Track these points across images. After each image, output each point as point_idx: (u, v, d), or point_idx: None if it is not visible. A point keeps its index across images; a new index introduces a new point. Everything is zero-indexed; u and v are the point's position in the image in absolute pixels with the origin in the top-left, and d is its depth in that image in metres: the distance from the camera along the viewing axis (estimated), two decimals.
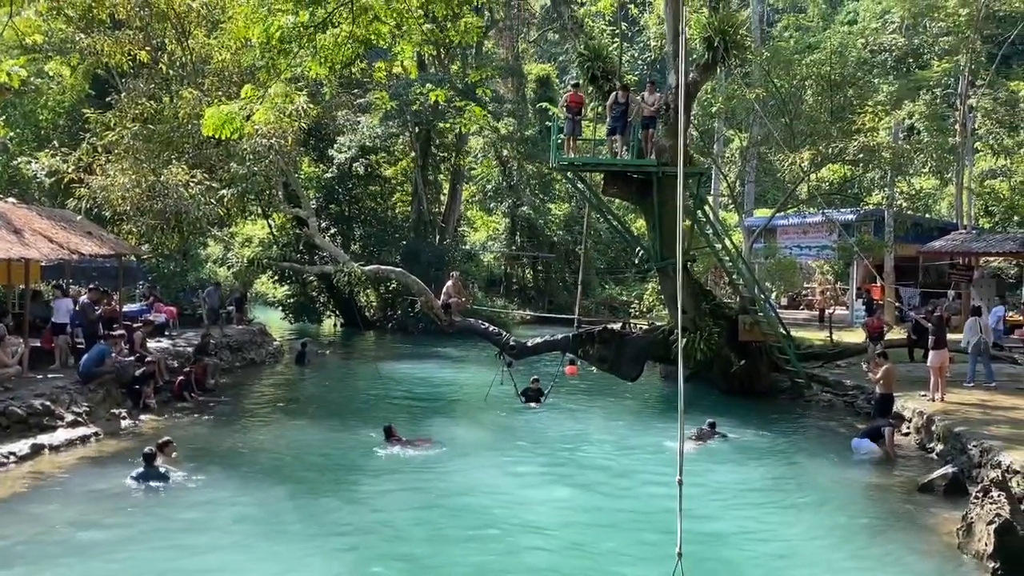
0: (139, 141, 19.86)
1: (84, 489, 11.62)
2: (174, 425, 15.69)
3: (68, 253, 17.79)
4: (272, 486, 12.08)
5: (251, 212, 30.77)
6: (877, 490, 12.80)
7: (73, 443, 13.72)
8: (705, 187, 25.50)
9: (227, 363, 22.16)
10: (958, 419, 14.48)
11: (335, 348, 29.86)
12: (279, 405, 18.95)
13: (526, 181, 41.78)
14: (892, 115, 28.23)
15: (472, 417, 18.29)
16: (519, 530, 10.72)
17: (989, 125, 30.82)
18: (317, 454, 14.01)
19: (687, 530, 10.40)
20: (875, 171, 29.22)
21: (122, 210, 19.82)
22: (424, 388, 21.60)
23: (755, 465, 14.16)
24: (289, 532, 10.23)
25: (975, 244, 26.03)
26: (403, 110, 32.29)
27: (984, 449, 12.60)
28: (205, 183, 20.27)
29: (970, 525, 9.79)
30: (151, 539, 9.82)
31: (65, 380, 15.61)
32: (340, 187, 34.81)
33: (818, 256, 33.69)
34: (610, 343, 20.08)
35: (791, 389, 20.05)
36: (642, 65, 48.58)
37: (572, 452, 14.85)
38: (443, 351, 27.97)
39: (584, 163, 19.60)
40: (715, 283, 28.12)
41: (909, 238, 29.64)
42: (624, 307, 38.08)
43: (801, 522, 11.35)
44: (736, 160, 33.49)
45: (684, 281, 19.65)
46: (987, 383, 17.09)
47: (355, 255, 29.91)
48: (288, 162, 23.11)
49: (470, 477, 12.93)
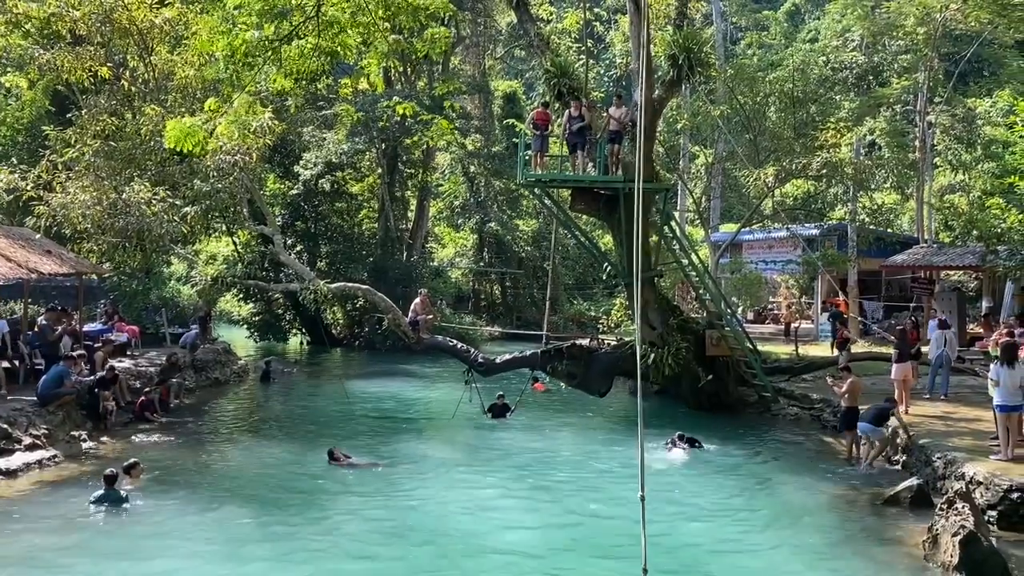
0: (100, 158, 19.56)
1: (43, 513, 11.32)
2: (136, 446, 15.38)
3: (27, 272, 17.43)
4: (237, 507, 11.87)
5: (215, 229, 30.43)
6: (843, 503, 12.88)
7: (31, 466, 13.38)
8: (671, 203, 25.70)
9: (191, 383, 21.79)
10: (922, 431, 14.65)
11: (301, 366, 29.54)
12: (243, 425, 18.68)
13: (494, 197, 41.84)
14: (854, 131, 28.69)
15: (439, 435, 18.17)
16: (484, 547, 10.64)
17: (947, 141, 31.46)
18: (282, 474, 13.78)
19: (654, 544, 10.43)
20: (838, 186, 29.69)
21: (83, 228, 19.47)
22: (391, 406, 21.42)
23: (722, 479, 14.18)
24: (252, 553, 10.05)
25: (936, 258, 26.46)
26: (369, 126, 32.21)
27: (948, 461, 12.76)
28: (168, 200, 19.98)
29: (936, 536, 9.87)
30: (112, 563, 9.57)
31: (23, 402, 15.22)
32: (306, 204, 34.54)
33: (783, 271, 34.05)
34: (579, 359, 20.06)
35: (758, 403, 20.16)
36: (608, 82, 48.96)
37: (538, 468, 14.77)
38: (410, 369, 27.78)
39: (551, 179, 19.63)
40: (682, 298, 28.29)
41: (872, 252, 30.07)
42: (592, 323, 38.15)
43: (768, 535, 11.37)
44: (702, 176, 33.81)
45: (652, 296, 19.74)
46: (940, 394, 17.34)
47: (321, 272, 29.67)
48: (253, 179, 22.91)
49: (436, 495, 12.80)
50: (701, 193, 33.56)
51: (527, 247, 41.57)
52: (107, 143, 20.08)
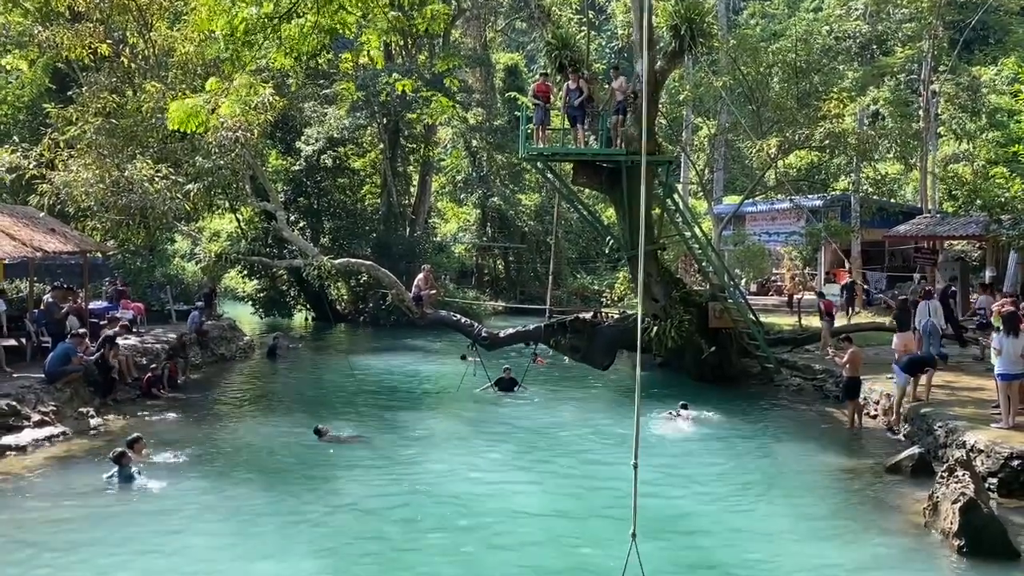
0: (102, 136, 19.55)
1: (53, 489, 11.47)
2: (144, 422, 15.52)
3: (31, 251, 17.50)
4: (245, 482, 12.01)
5: (218, 206, 30.44)
6: (845, 472, 12.99)
7: (40, 443, 13.51)
8: (674, 175, 25.63)
9: (198, 359, 21.94)
10: (923, 401, 14.72)
11: (306, 342, 29.68)
12: (251, 400, 18.83)
13: (496, 171, 41.73)
14: (857, 101, 28.53)
15: (444, 408, 18.28)
16: (490, 516, 10.80)
17: (952, 110, 31.26)
18: (289, 449, 13.91)
19: (658, 513, 10.65)
20: (841, 157, 29.54)
21: (86, 206, 19.51)
22: (396, 381, 21.54)
23: (725, 449, 14.31)
24: (262, 526, 10.17)
25: (939, 228, 26.43)
26: (371, 101, 32.07)
27: (949, 429, 12.85)
28: (171, 178, 19.99)
29: (936, 504, 9.98)
30: (123, 537, 9.72)
31: (31, 380, 15.36)
32: (308, 180, 34.50)
33: (786, 242, 34.03)
34: (582, 332, 20.15)
35: (761, 374, 20.26)
36: (610, 53, 48.65)
37: (541, 438, 14.91)
38: (415, 344, 27.89)
39: (553, 153, 19.60)
40: (685, 271, 28.33)
41: (875, 223, 30.04)
42: (595, 296, 38.22)
43: (770, 504, 11.49)
44: (704, 147, 33.68)
45: (655, 269, 19.78)
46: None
47: (325, 248, 29.70)
48: (255, 155, 22.87)
49: (443, 467, 12.94)
50: (704, 165, 33.45)
51: (530, 221, 41.52)
52: (108, 120, 20.07)
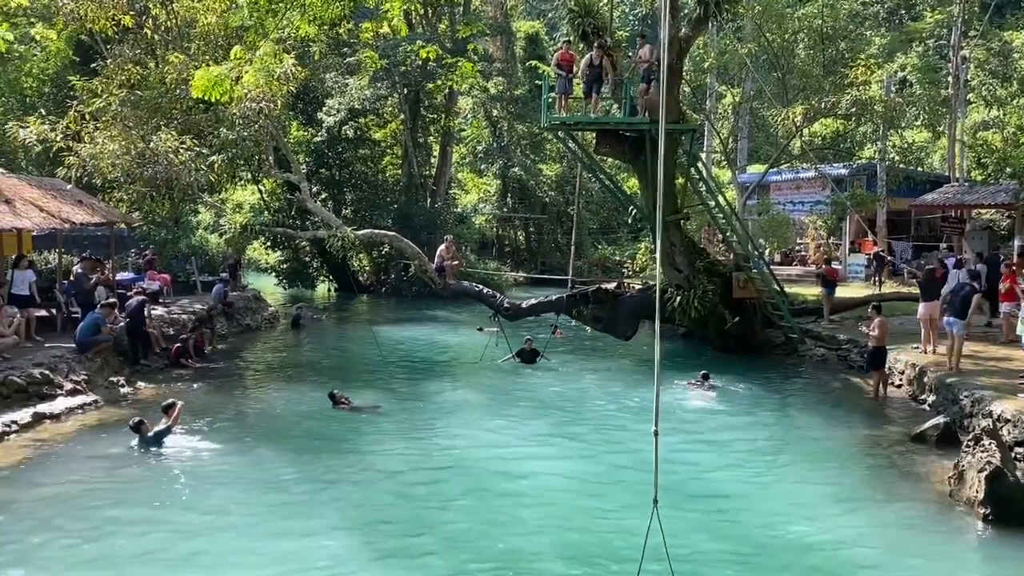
0: (127, 107, 19.63)
1: (86, 455, 11.70)
2: (172, 391, 15.72)
3: (60, 222, 17.72)
4: (273, 450, 12.17)
5: (241, 178, 30.57)
6: (871, 441, 12.98)
7: (73, 411, 13.77)
8: (697, 144, 25.41)
9: (223, 329, 22.20)
10: (949, 370, 14.63)
11: (330, 313, 29.90)
12: (277, 370, 19.04)
13: (517, 141, 41.55)
14: (884, 68, 28.06)
15: (468, 379, 18.37)
16: (515, 484, 10.94)
17: (982, 76, 30.65)
18: (316, 417, 14.08)
19: (682, 480, 10.72)
20: (867, 125, 29.13)
21: (112, 178, 19.66)
22: (419, 351, 21.70)
23: (749, 418, 14.34)
24: (290, 493, 10.33)
25: (967, 197, 26.05)
26: (391, 71, 31.96)
27: (975, 399, 12.79)
28: (195, 149, 20.09)
29: (962, 473, 9.97)
30: (155, 503, 9.92)
31: (63, 350, 15.62)
32: (330, 151, 34.54)
33: (811, 211, 33.71)
34: (605, 303, 20.17)
35: (785, 345, 20.20)
36: (633, 20, 48.05)
37: (566, 409, 14.98)
38: (436, 314, 28.05)
39: (576, 122, 19.47)
40: (708, 241, 28.18)
41: (901, 192, 29.66)
42: (617, 267, 38.12)
43: (794, 472, 11.54)
44: (728, 116, 33.31)
45: (678, 239, 19.70)
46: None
47: (347, 219, 29.77)
48: (277, 126, 22.90)
49: (468, 436, 13.07)
50: (728, 133, 33.12)
51: (551, 192, 41.38)
52: (133, 92, 20.14)
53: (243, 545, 8.75)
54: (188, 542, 8.79)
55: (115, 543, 8.74)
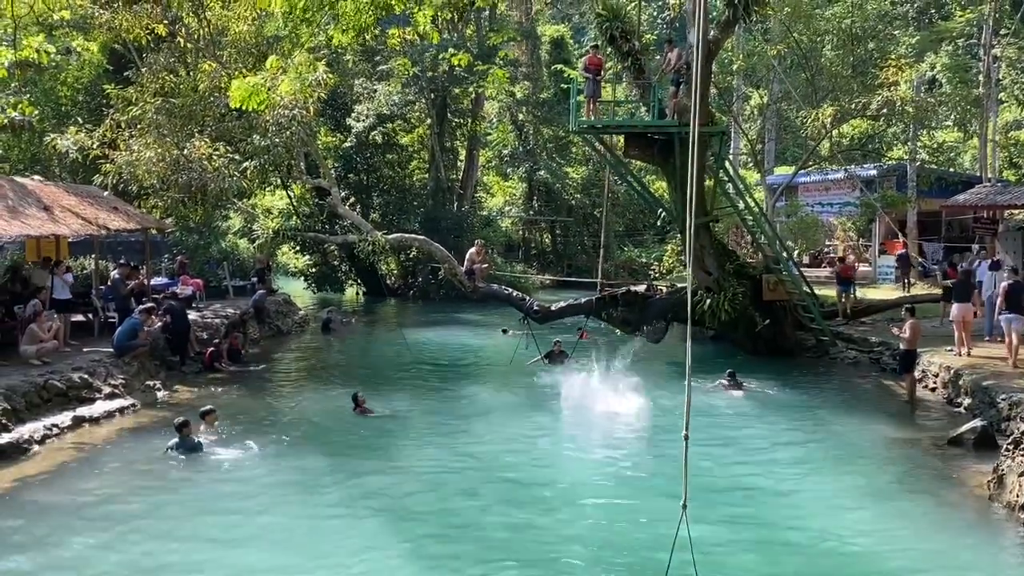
0: (162, 115, 19.98)
1: (126, 459, 11.88)
2: (207, 395, 15.94)
3: (96, 229, 18.04)
4: (308, 453, 12.28)
5: (270, 184, 30.93)
6: (905, 444, 12.88)
7: (112, 414, 14.01)
8: (726, 146, 25.33)
9: (256, 333, 22.46)
10: (985, 373, 14.51)
11: (359, 316, 30.13)
12: (309, 373, 19.24)
13: (542, 145, 41.64)
14: (914, 68, 27.83)
15: (498, 381, 18.38)
16: (545, 486, 11.02)
17: (1014, 75, 30.29)
18: (349, 420, 14.20)
19: (712, 483, 10.73)
20: (897, 125, 28.90)
21: (148, 184, 20.01)
22: (449, 353, 21.82)
23: (781, 421, 14.27)
24: (326, 495, 10.43)
25: (1000, 197, 25.71)
26: (419, 76, 32.19)
27: (1013, 402, 12.66)
28: (228, 156, 20.39)
29: (1001, 477, 9.88)
30: (194, 506, 10.05)
31: (101, 354, 15.90)
32: (358, 156, 34.84)
33: (840, 213, 33.47)
34: (633, 305, 20.18)
35: (816, 347, 20.09)
36: (661, 23, 47.94)
37: (595, 411, 14.93)
38: (465, 317, 28.17)
39: (605, 125, 19.55)
40: (737, 243, 28.07)
41: (932, 192, 29.37)
42: (643, 269, 38.06)
43: (828, 476, 11.46)
44: (756, 117, 33.17)
45: (707, 242, 19.68)
46: (993, 336, 17.04)
47: (375, 224, 30.02)
48: (308, 132, 23.17)
49: (499, 438, 13.12)
50: (756, 135, 32.98)
51: (576, 195, 41.40)
52: (167, 100, 20.49)
53: (280, 550, 8.82)
54: (225, 547, 8.88)
55: (153, 547, 8.84)
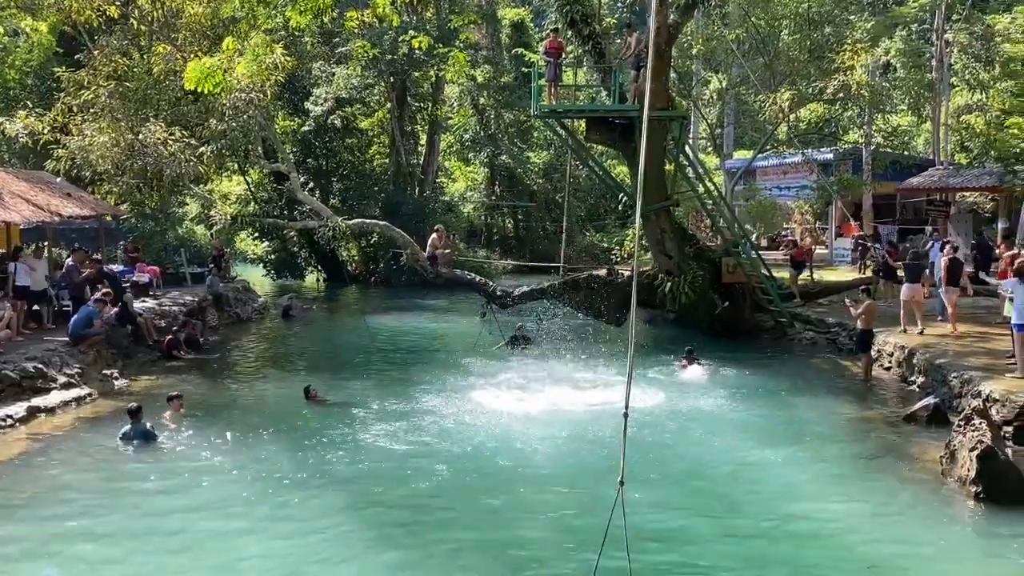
0: (115, 99, 19.52)
1: (82, 448, 11.70)
2: (166, 384, 15.71)
3: (49, 215, 17.64)
4: (270, 441, 12.14)
5: (227, 168, 30.45)
6: (861, 422, 13.17)
7: (68, 404, 13.77)
8: (685, 130, 25.49)
9: (214, 320, 22.17)
10: (938, 351, 14.85)
11: (320, 303, 29.89)
12: (269, 361, 19.07)
13: (504, 129, 41.49)
14: (869, 52, 28.22)
15: (462, 366, 18.35)
16: (500, 464, 11.16)
17: (965, 60, 30.88)
18: (309, 408, 14.08)
19: (668, 460, 10.90)
20: (852, 109, 29.31)
21: (102, 170, 19.58)
22: (412, 339, 21.78)
23: (739, 399, 14.47)
24: (288, 486, 10.32)
25: (952, 180, 26.31)
26: (378, 59, 31.85)
27: (964, 380, 12.98)
28: (184, 140, 20.01)
29: (953, 452, 10.14)
30: (150, 497, 9.94)
31: (55, 343, 15.58)
32: (317, 141, 34.43)
33: (797, 196, 33.91)
34: (596, 290, 20.26)
35: (774, 328, 20.38)
36: (621, 7, 47.97)
37: (554, 392, 14.96)
38: (427, 303, 28.09)
39: (566, 110, 19.55)
40: (697, 227, 28.32)
41: (887, 176, 29.89)
42: (605, 254, 38.22)
43: (784, 452, 11.67)
44: (715, 102, 33.41)
45: (667, 225, 19.82)
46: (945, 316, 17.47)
47: (335, 209, 29.72)
48: (266, 116, 22.83)
49: (462, 421, 13.12)
50: (715, 120, 33.23)
51: (538, 180, 41.35)
52: (120, 84, 20.03)
53: (240, 536, 8.77)
54: (184, 534, 8.79)
55: (112, 536, 8.76)
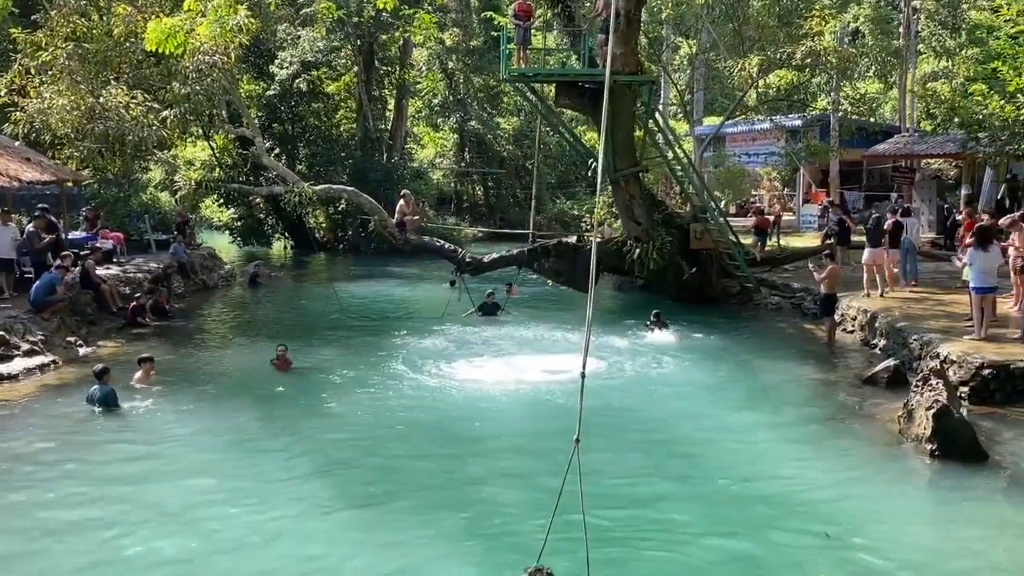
0: (74, 61, 19.02)
1: (47, 416, 11.59)
2: (132, 351, 15.56)
3: (8, 180, 17.27)
4: (239, 407, 12.11)
5: (191, 134, 29.94)
6: (824, 384, 13.43)
7: (32, 371, 13.61)
8: (655, 96, 25.47)
9: (180, 287, 21.96)
10: (899, 315, 15.13)
11: (287, 270, 29.68)
12: (236, 327, 18.95)
13: (473, 95, 41.18)
14: (838, 19, 28.31)
15: (431, 332, 18.35)
16: (466, 425, 11.34)
17: (932, 27, 31.12)
18: (277, 374, 13.99)
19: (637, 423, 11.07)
20: (821, 76, 29.45)
21: (62, 134, 19.14)
22: (381, 306, 21.71)
23: (705, 362, 14.71)
24: (261, 450, 10.34)
25: (917, 147, 26.60)
26: (344, 22, 31.37)
27: (924, 342, 13.26)
28: (146, 104, 19.61)
29: (911, 411, 10.39)
30: (119, 462, 9.88)
31: (17, 310, 15.35)
32: (282, 105, 33.96)
33: (766, 163, 34.13)
34: (565, 256, 20.32)
35: (741, 294, 20.60)
36: None
37: (521, 357, 15.10)
38: (396, 270, 28.01)
39: (536, 74, 19.43)
40: (666, 193, 28.41)
41: (854, 142, 30.17)
42: (575, 221, 38.25)
43: (749, 414, 11.91)
44: (685, 68, 33.39)
45: (637, 191, 19.87)
46: (911, 280, 17.83)
47: (301, 175, 29.37)
48: (230, 80, 22.41)
49: (430, 385, 13.21)
50: (684, 85, 33.22)
51: (508, 146, 41.18)
52: (80, 45, 19.51)
53: (208, 503, 8.74)
54: (150, 501, 8.75)
55: (77, 504, 8.71)
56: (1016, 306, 13.97)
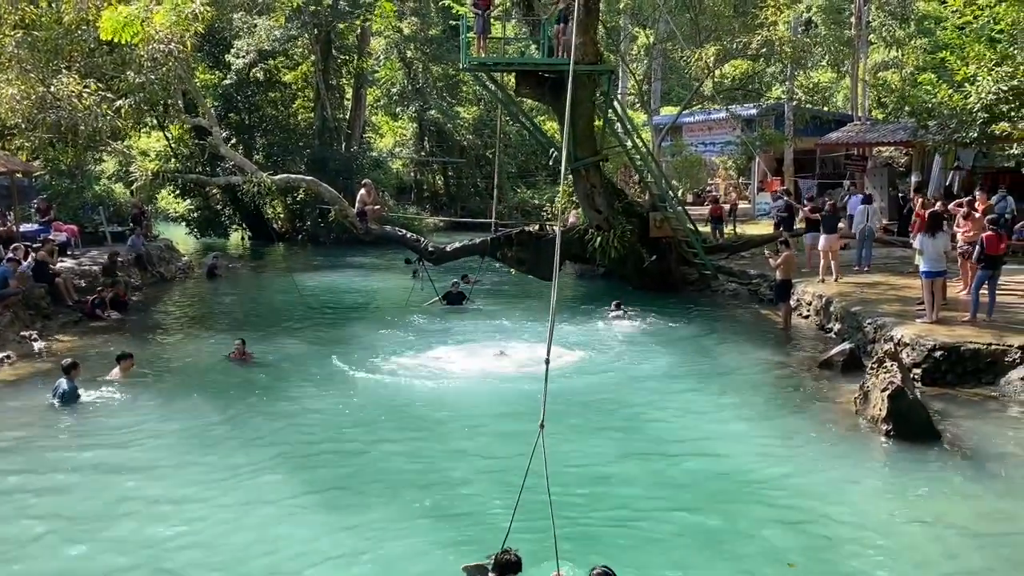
0: (23, 50, 18.56)
1: (2, 412, 11.38)
2: (88, 345, 15.34)
3: None
4: (200, 401, 11.96)
5: (146, 124, 29.41)
6: (780, 368, 13.71)
7: None
8: (614, 86, 25.63)
9: (137, 280, 21.62)
10: (854, 300, 15.50)
11: (245, 261, 29.34)
12: (195, 320, 18.72)
13: (432, 84, 41.00)
14: (792, 8, 28.72)
15: (394, 322, 18.35)
16: (433, 414, 11.40)
17: (882, 17, 31.69)
18: (237, 367, 13.91)
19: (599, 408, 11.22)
20: (775, 65, 29.86)
21: (12, 124, 18.70)
22: (341, 297, 21.62)
23: (664, 347, 14.93)
24: (222, 444, 10.23)
25: (869, 135, 27.13)
26: (301, 10, 31.02)
27: (878, 326, 13.61)
28: (99, 93, 19.22)
29: (866, 393, 10.69)
30: (79, 459, 9.75)
31: None
32: (239, 95, 33.51)
33: (722, 152, 34.52)
34: (527, 245, 20.41)
35: (699, 281, 20.89)
36: None
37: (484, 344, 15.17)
38: (356, 260, 27.88)
39: (496, 63, 19.44)
40: (625, 182, 28.63)
41: (808, 131, 30.63)
42: (536, 211, 38.34)
43: (707, 397, 12.14)
44: (643, 58, 33.60)
45: (597, 180, 20.01)
46: (865, 265, 18.28)
47: (259, 165, 28.99)
48: (186, 69, 22.06)
49: (393, 375, 13.20)
50: (642, 75, 33.45)
51: (468, 135, 41.08)
52: (29, 33, 19.05)
53: (170, 495, 8.67)
54: (113, 495, 8.65)
55: (33, 502, 8.59)
56: (965, 290, 14.42)
